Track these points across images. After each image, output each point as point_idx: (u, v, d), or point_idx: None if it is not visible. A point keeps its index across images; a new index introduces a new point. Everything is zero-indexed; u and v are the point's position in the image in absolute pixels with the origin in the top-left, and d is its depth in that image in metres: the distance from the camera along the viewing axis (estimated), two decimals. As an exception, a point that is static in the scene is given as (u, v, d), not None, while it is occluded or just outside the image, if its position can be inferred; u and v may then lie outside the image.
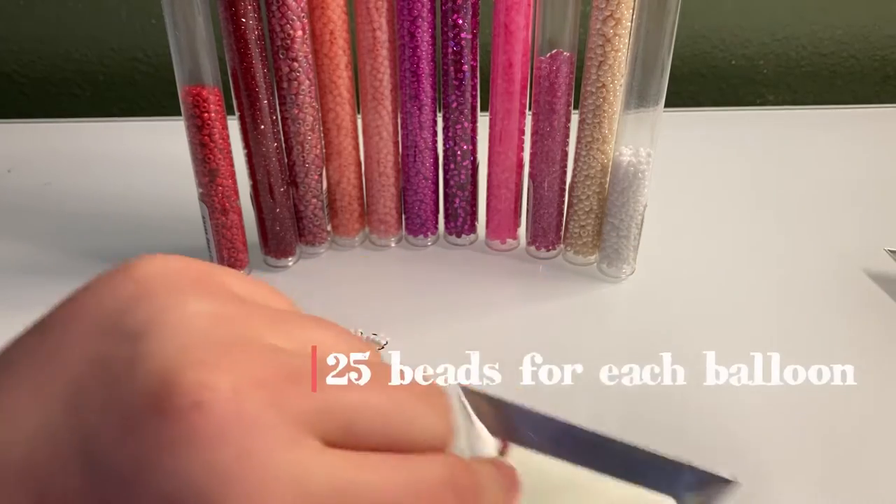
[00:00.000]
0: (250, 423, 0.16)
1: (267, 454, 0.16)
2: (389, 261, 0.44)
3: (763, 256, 0.44)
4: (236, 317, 0.18)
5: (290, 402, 0.16)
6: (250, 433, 0.16)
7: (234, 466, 0.15)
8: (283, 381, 0.17)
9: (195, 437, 0.15)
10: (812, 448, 0.30)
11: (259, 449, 0.16)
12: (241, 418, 0.16)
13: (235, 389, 0.16)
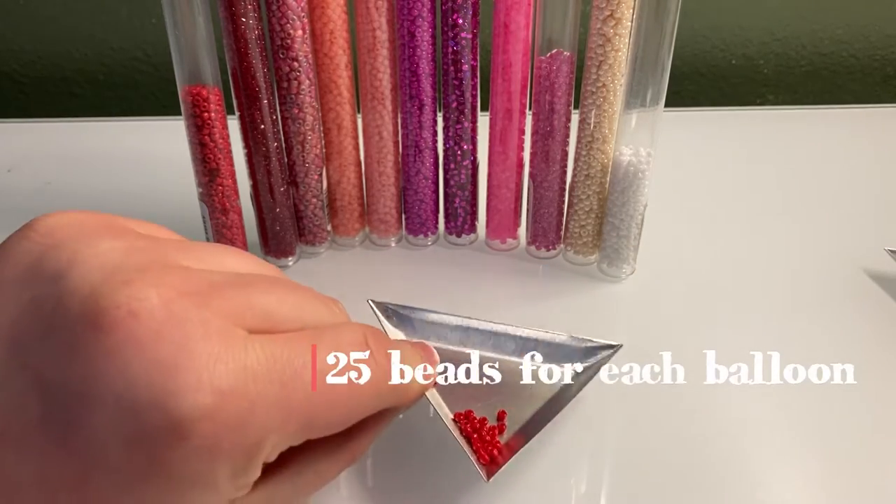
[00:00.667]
0: (182, 320, 0.17)
1: (203, 342, 0.17)
2: (389, 261, 0.44)
3: (763, 256, 0.44)
4: (147, 248, 0.20)
5: (213, 302, 0.18)
6: (184, 329, 0.17)
7: (176, 358, 0.17)
8: (204, 289, 0.19)
9: (135, 340, 0.17)
10: (812, 447, 0.30)
11: (195, 340, 0.17)
12: (173, 318, 0.17)
13: (162, 297, 0.18)
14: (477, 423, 0.28)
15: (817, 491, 0.28)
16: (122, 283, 0.18)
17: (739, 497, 0.28)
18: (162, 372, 0.17)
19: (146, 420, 0.17)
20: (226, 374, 0.18)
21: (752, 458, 0.29)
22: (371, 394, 0.22)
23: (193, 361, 0.17)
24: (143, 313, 0.17)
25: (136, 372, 0.17)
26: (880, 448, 0.30)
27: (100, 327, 0.17)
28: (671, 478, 0.28)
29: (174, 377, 0.17)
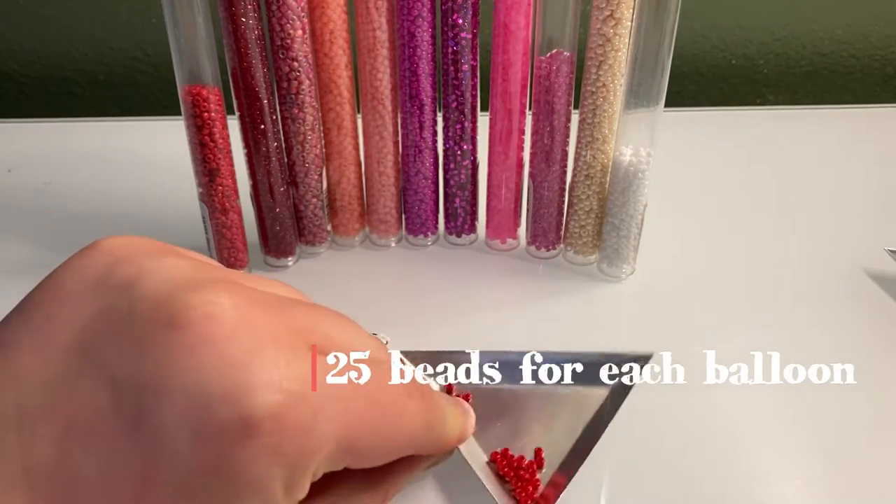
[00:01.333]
0: (254, 326, 0.18)
1: (273, 347, 0.18)
2: (389, 261, 0.44)
3: (763, 256, 0.44)
4: (213, 267, 0.21)
5: (282, 315, 0.20)
6: (255, 333, 0.18)
7: (248, 357, 0.18)
8: (272, 304, 0.20)
9: (209, 339, 0.17)
10: (812, 447, 0.30)
11: (266, 344, 0.18)
12: (245, 323, 0.18)
13: (235, 303, 0.18)
14: (514, 462, 0.28)
15: (817, 490, 0.28)
16: (195, 288, 0.18)
17: (739, 497, 0.28)
18: (234, 369, 0.17)
19: (216, 414, 0.17)
20: (294, 378, 0.18)
21: (752, 458, 0.29)
22: (419, 429, 0.22)
23: (265, 362, 0.18)
24: (217, 315, 0.18)
25: (209, 368, 0.17)
26: (881, 448, 0.30)
27: (174, 326, 0.17)
28: (671, 477, 0.28)
29: (246, 375, 0.17)
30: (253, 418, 0.17)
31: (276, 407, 0.17)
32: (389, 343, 0.35)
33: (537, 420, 0.30)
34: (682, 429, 0.31)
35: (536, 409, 0.31)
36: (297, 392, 0.18)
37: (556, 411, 0.30)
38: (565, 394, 0.31)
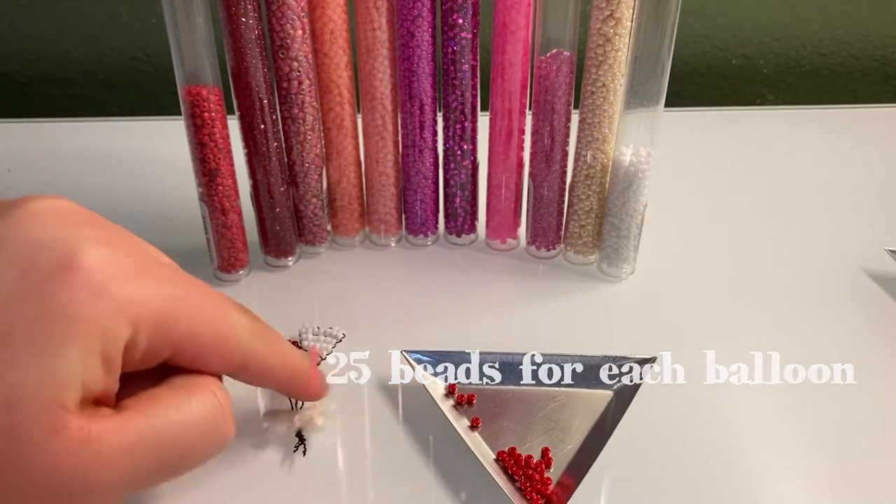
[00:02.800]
0: (99, 220, 0.22)
1: (106, 229, 0.22)
2: (389, 261, 0.44)
3: (763, 256, 0.44)
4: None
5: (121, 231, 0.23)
6: (100, 222, 0.22)
7: (91, 226, 0.22)
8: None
9: (55, 211, 0.21)
10: (812, 447, 0.30)
11: (101, 224, 0.23)
12: (91, 215, 0.22)
13: (79, 206, 0.22)
14: (523, 461, 0.28)
15: (818, 490, 0.28)
16: (49, 195, 0.21)
17: (739, 496, 0.28)
18: (75, 227, 0.20)
19: (45, 254, 0.19)
20: (130, 253, 0.21)
21: (752, 458, 0.29)
22: (243, 336, 0.24)
23: (99, 226, 0.21)
24: (63, 204, 0.21)
25: (49, 226, 0.20)
26: (881, 447, 0.30)
27: (17, 206, 0.20)
28: (671, 477, 0.28)
29: (84, 235, 0.20)
30: (78, 260, 0.19)
31: (102, 256, 0.20)
32: (345, 337, 0.35)
33: (543, 421, 0.30)
34: (682, 429, 0.31)
35: (541, 410, 0.31)
36: (124, 257, 0.21)
37: (562, 413, 0.30)
38: (570, 396, 0.31)
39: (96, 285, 0.19)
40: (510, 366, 0.32)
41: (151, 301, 0.21)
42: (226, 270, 0.40)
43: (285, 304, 0.39)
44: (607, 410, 0.30)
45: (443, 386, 0.32)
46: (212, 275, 0.41)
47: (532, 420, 0.30)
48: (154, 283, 0.21)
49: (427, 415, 0.31)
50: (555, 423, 0.30)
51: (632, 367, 0.31)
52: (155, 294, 0.21)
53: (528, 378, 0.32)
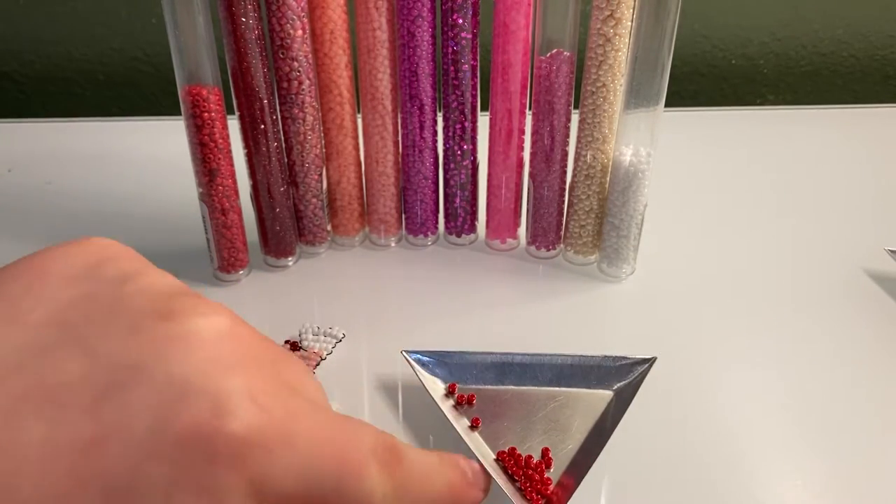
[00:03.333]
0: (244, 340, 0.19)
1: (257, 368, 0.18)
2: (389, 261, 0.44)
3: (763, 256, 0.44)
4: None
5: (266, 341, 0.20)
6: (245, 347, 0.19)
7: (239, 361, 0.18)
8: (254, 330, 0.20)
9: (201, 337, 0.18)
10: (812, 447, 0.30)
11: (250, 361, 0.18)
12: (237, 332, 0.19)
13: (229, 316, 0.19)
14: (523, 461, 0.28)
15: (818, 490, 0.28)
16: (190, 295, 0.19)
17: (739, 496, 0.28)
18: (221, 369, 0.17)
19: (190, 402, 0.17)
20: (279, 402, 0.18)
21: (752, 458, 0.29)
22: (381, 491, 0.20)
23: (255, 371, 0.18)
24: (212, 317, 0.18)
25: (195, 361, 0.17)
26: (881, 448, 0.30)
27: (167, 318, 0.18)
28: (671, 477, 0.28)
29: (232, 377, 0.17)
30: (222, 423, 0.17)
31: (250, 421, 0.17)
32: (346, 337, 0.35)
33: (543, 421, 0.30)
34: (681, 429, 0.31)
35: (541, 410, 0.31)
36: (271, 418, 0.18)
37: (562, 413, 0.30)
38: (570, 396, 0.31)
39: (236, 457, 0.17)
40: (510, 366, 0.32)
41: (283, 479, 0.18)
42: (226, 270, 0.40)
43: (285, 304, 0.39)
44: (607, 410, 0.30)
45: (443, 386, 0.32)
46: (212, 275, 0.41)
47: (532, 420, 0.30)
48: (289, 454, 0.18)
49: (427, 415, 0.31)
50: (555, 423, 0.30)
51: (632, 368, 0.31)
52: (288, 468, 0.18)
53: (528, 378, 0.32)
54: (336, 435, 0.19)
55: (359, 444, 0.20)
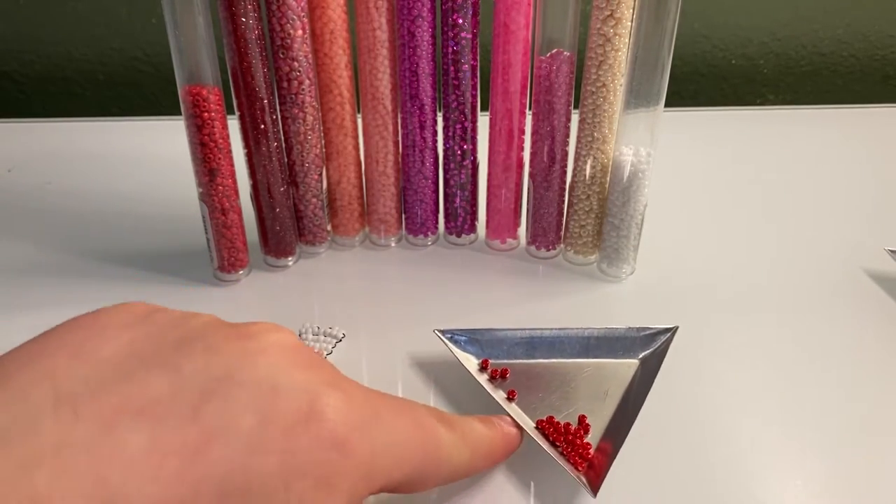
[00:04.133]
0: (316, 359, 0.21)
1: (334, 376, 0.21)
2: (389, 261, 0.44)
3: (763, 256, 0.44)
4: None
5: (328, 365, 0.21)
6: (319, 364, 0.21)
7: (320, 369, 0.20)
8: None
9: (282, 349, 0.19)
10: (811, 447, 0.30)
11: (326, 371, 0.20)
12: (299, 343, 0.21)
13: (291, 332, 0.21)
14: (562, 428, 0.29)
15: (817, 490, 0.28)
16: (253, 322, 0.21)
17: (739, 496, 0.28)
18: (301, 369, 0.19)
19: (285, 399, 0.18)
20: (355, 389, 0.21)
21: (751, 458, 0.29)
22: (456, 459, 0.24)
23: (326, 369, 0.20)
24: (281, 333, 0.20)
25: (282, 367, 0.19)
26: (881, 448, 0.30)
27: (243, 338, 0.19)
28: (670, 476, 0.28)
29: (314, 374, 0.19)
30: (320, 410, 0.18)
31: (341, 407, 0.19)
32: (346, 337, 0.35)
33: (575, 391, 0.31)
34: (681, 429, 0.31)
35: (573, 381, 0.32)
36: (357, 404, 0.20)
37: (592, 382, 0.32)
38: (598, 366, 0.33)
39: (342, 440, 0.18)
40: (539, 340, 0.34)
41: (383, 453, 0.20)
42: (226, 270, 0.40)
43: (285, 304, 0.39)
44: (634, 378, 0.32)
45: (476, 362, 0.33)
46: (212, 275, 0.41)
47: (566, 390, 0.31)
48: (382, 430, 0.20)
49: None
50: (587, 392, 0.31)
51: (655, 337, 0.33)
52: (385, 443, 0.20)
53: (557, 352, 0.33)
54: (404, 408, 0.22)
55: (423, 412, 0.23)
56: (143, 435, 0.16)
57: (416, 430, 0.22)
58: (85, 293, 0.40)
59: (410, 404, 0.23)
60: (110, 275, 0.41)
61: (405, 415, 0.22)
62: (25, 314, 0.38)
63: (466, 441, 0.24)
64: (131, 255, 0.43)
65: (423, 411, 0.23)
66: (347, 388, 0.20)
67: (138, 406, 0.17)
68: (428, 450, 0.22)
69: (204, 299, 0.39)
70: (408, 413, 0.22)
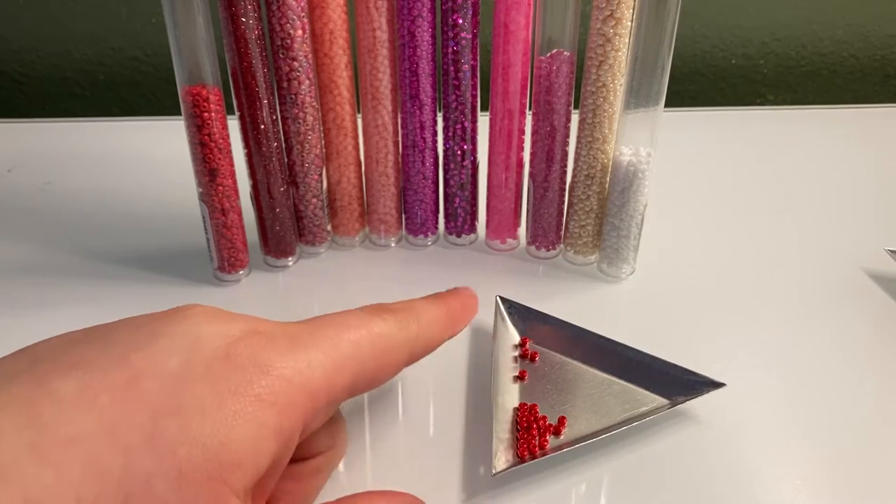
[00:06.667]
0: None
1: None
2: (389, 261, 0.44)
3: (763, 256, 0.44)
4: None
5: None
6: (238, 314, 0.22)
7: (237, 317, 0.21)
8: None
9: (197, 310, 0.21)
10: (812, 447, 0.30)
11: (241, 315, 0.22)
12: (229, 313, 0.22)
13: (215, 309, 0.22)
14: (533, 418, 0.29)
15: (817, 490, 0.28)
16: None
17: (739, 496, 0.28)
18: (227, 322, 0.20)
19: (207, 344, 0.19)
20: (277, 329, 0.21)
21: (751, 458, 0.29)
22: (402, 343, 0.24)
23: (257, 321, 0.22)
24: (214, 307, 0.21)
25: (202, 321, 0.20)
26: (881, 447, 0.30)
27: (173, 311, 0.21)
28: (671, 477, 0.28)
29: (238, 323, 0.21)
30: (236, 346, 0.20)
31: (258, 340, 0.20)
32: None
33: (586, 400, 0.31)
34: (681, 428, 0.31)
35: (591, 392, 0.32)
36: (276, 336, 0.21)
37: (608, 401, 0.31)
38: (626, 389, 0.32)
39: (265, 363, 0.19)
40: (584, 342, 0.34)
41: (315, 367, 0.21)
42: (226, 270, 0.40)
43: (285, 304, 0.39)
44: (648, 415, 0.30)
45: (517, 337, 0.34)
46: (212, 275, 0.41)
47: (576, 395, 0.31)
48: (307, 348, 0.21)
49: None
50: (596, 407, 0.31)
51: (699, 386, 0.31)
52: (312, 357, 0.21)
53: (595, 360, 0.33)
54: (327, 320, 0.23)
55: (352, 314, 0.23)
56: (74, 383, 0.17)
57: (344, 333, 0.22)
58: (85, 293, 0.40)
59: (337, 314, 0.23)
60: (110, 275, 0.41)
61: (328, 325, 0.22)
62: (26, 314, 0.38)
63: (412, 324, 0.25)
64: (131, 255, 0.43)
65: (354, 313, 0.24)
66: (266, 327, 0.21)
67: (70, 364, 0.18)
68: (362, 347, 0.22)
69: (204, 299, 0.39)
70: (331, 323, 0.23)
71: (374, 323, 0.23)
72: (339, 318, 0.23)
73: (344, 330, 0.22)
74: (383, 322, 0.23)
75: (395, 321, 0.24)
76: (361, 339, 0.22)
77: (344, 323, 0.23)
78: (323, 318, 0.23)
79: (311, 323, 0.23)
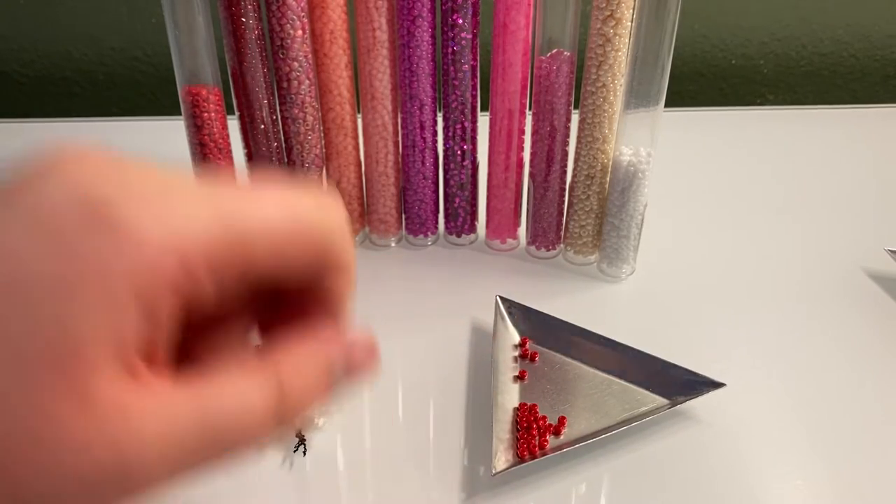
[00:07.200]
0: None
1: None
2: (389, 261, 0.44)
3: (763, 256, 0.44)
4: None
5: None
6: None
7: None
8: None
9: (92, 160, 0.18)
10: (812, 446, 0.30)
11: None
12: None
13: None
14: (534, 418, 0.29)
15: (817, 489, 0.28)
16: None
17: (739, 496, 0.28)
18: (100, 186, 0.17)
19: (65, 209, 0.17)
20: (156, 186, 0.18)
21: (751, 458, 0.29)
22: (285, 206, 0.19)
23: (128, 174, 0.18)
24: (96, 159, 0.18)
25: (68, 185, 0.17)
26: (881, 447, 0.30)
27: (55, 167, 0.17)
28: (671, 477, 0.28)
29: (107, 188, 0.17)
30: (97, 210, 0.17)
31: (125, 200, 0.17)
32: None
33: (585, 399, 0.31)
34: (681, 428, 0.31)
35: (591, 392, 0.32)
36: (149, 194, 0.18)
37: (608, 401, 0.31)
38: (626, 389, 0.32)
39: (119, 228, 0.17)
40: (585, 343, 0.34)
41: (191, 227, 0.17)
42: (226, 270, 0.40)
43: (285, 304, 0.39)
44: (651, 414, 0.30)
45: (517, 337, 0.34)
46: (212, 275, 0.41)
47: (576, 395, 0.31)
48: (187, 208, 0.18)
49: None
50: (596, 407, 0.31)
51: (698, 386, 0.31)
52: (193, 217, 0.17)
53: (594, 360, 0.33)
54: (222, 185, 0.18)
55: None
56: None
57: (236, 196, 0.18)
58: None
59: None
60: (110, 275, 0.41)
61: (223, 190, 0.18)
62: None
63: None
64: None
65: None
66: (145, 180, 0.18)
67: None
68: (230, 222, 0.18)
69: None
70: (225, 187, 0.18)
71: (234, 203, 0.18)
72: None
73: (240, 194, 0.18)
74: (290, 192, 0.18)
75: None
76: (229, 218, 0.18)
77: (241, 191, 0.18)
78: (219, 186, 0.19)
79: (202, 185, 0.19)
